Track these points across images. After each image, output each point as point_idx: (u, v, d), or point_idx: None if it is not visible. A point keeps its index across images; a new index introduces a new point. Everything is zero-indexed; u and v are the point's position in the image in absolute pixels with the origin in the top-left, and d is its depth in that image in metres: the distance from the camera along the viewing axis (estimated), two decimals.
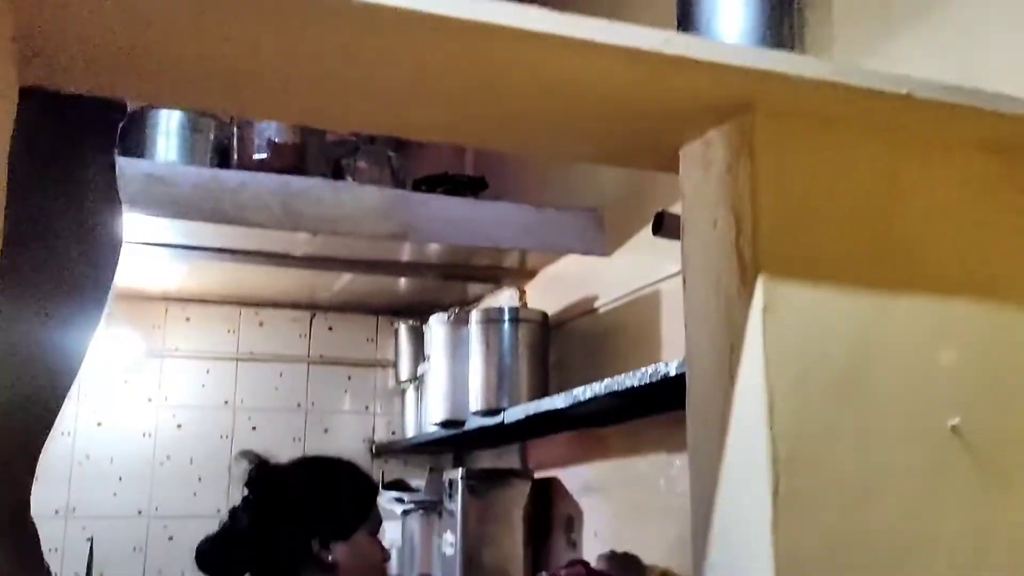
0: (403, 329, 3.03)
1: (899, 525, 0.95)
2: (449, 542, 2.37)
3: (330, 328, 3.10)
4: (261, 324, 3.04)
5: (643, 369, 1.59)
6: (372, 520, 1.57)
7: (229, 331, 3.00)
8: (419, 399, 2.91)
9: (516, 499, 2.37)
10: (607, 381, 1.71)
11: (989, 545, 0.95)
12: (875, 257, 1.02)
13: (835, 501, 0.94)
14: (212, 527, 2.88)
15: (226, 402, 2.97)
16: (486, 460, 2.78)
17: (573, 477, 2.33)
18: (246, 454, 1.56)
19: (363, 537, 1.54)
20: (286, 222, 2.02)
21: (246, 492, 1.53)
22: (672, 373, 1.49)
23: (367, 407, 3.10)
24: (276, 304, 3.02)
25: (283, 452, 1.74)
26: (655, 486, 1.96)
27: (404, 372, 3.01)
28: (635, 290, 2.12)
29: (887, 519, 0.95)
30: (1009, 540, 0.96)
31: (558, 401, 1.88)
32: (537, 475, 2.42)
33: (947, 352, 1.01)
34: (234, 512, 1.52)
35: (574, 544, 2.27)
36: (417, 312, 3.07)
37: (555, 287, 2.49)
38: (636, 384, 1.59)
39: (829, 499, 0.94)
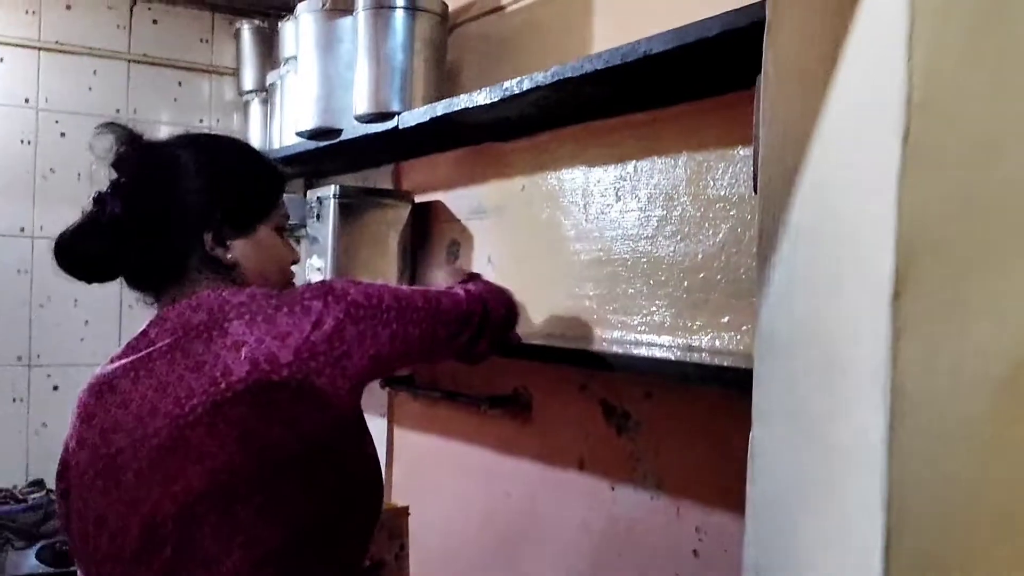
0: (246, 30, 2.59)
1: (1021, 188, 0.80)
2: (316, 267, 2.11)
3: (155, 21, 2.59)
4: (68, 7, 2.48)
5: (612, 49, 1.34)
6: (278, 214, 1.26)
7: (28, 12, 2.43)
8: (267, 113, 2.53)
9: (393, 222, 2.13)
10: (555, 68, 1.45)
11: None
12: None
13: (964, 153, 0.77)
14: (13, 248, 2.48)
15: (27, 100, 2.45)
16: (349, 184, 2.48)
17: (460, 199, 2.10)
18: (111, 127, 1.18)
19: (267, 232, 1.23)
20: None
21: (114, 174, 1.17)
22: (657, 50, 1.26)
23: (201, 120, 2.68)
24: None
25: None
26: (570, 204, 1.77)
27: (248, 81, 2.59)
28: None
29: (1010, 181, 0.79)
30: None
31: (480, 97, 1.61)
32: (417, 199, 2.17)
33: None
34: (100, 198, 1.16)
35: None
36: (260, 12, 2.63)
37: None
38: (601, 67, 1.34)
39: (958, 150, 0.76)
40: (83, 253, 1.17)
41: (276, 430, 1.07)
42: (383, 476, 1.28)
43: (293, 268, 1.32)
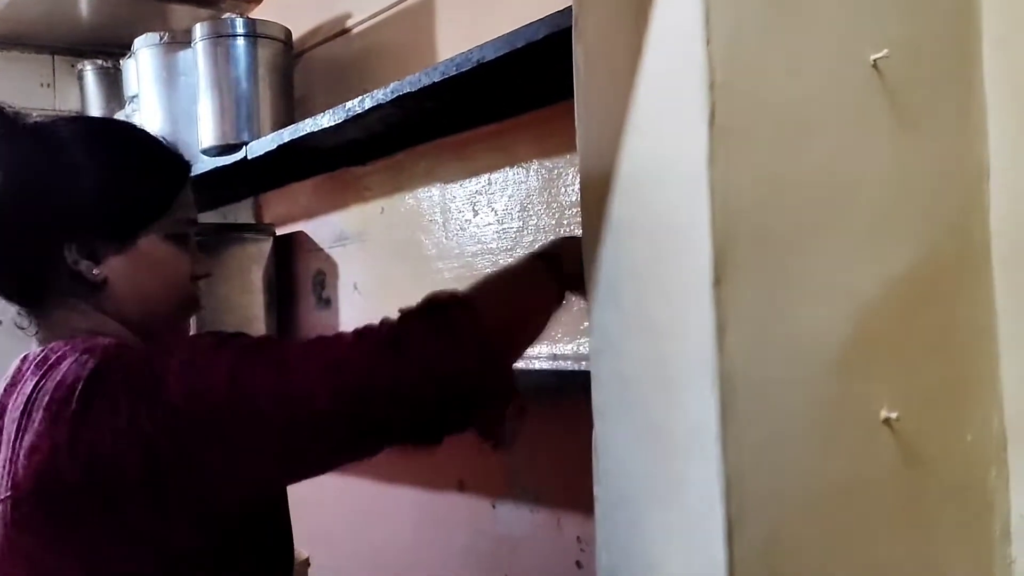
0: (89, 72, 2.48)
1: (827, 167, 0.80)
2: None
3: None
4: None
5: (447, 60, 1.32)
6: (171, 218, 0.97)
7: None
8: None
9: (255, 256, 2.05)
10: (393, 85, 1.43)
11: (903, 190, 0.84)
12: None
13: (769, 136, 0.77)
14: None
15: None
16: (210, 221, 2.40)
17: (322, 228, 2.05)
18: None
19: (154, 243, 0.96)
20: None
21: None
22: (489, 58, 1.24)
23: None
24: None
25: None
26: (429, 223, 1.75)
27: None
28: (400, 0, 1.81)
29: (816, 160, 0.80)
30: (919, 188, 0.86)
31: (324, 120, 1.57)
32: (279, 231, 2.11)
33: None
34: None
35: (328, 301, 2.03)
36: (104, 52, 2.53)
37: (289, 10, 2.10)
38: (438, 80, 1.32)
39: (764, 133, 0.77)
40: None
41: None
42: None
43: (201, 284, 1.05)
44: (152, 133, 1.04)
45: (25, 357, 0.93)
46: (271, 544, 0.98)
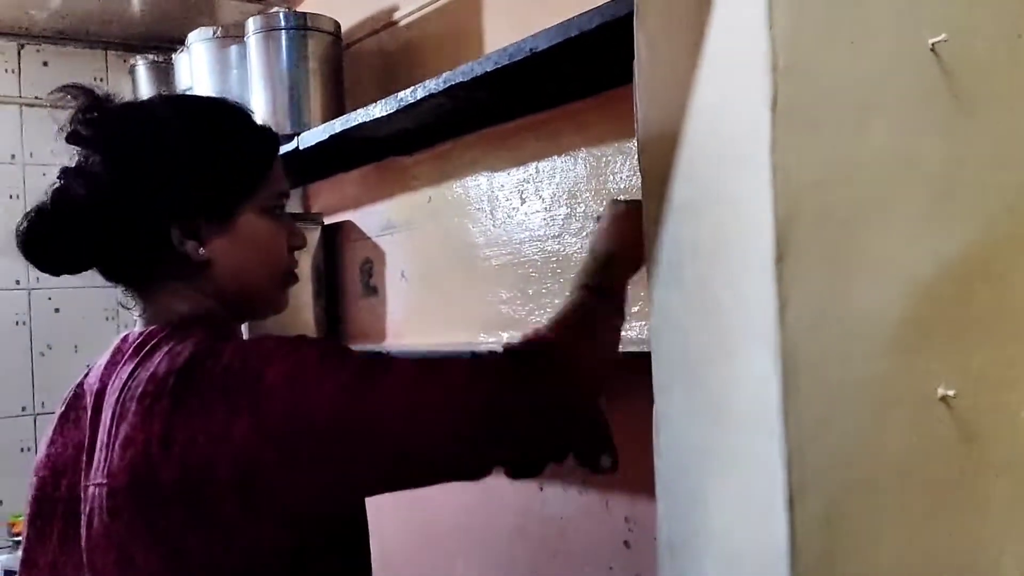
0: (141, 66, 2.54)
1: (886, 149, 0.82)
2: None
3: (45, 63, 2.53)
4: None
5: (499, 50, 1.35)
6: (265, 192, 0.97)
7: None
8: None
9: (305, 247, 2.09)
10: (446, 75, 1.45)
11: (959, 173, 0.86)
12: None
13: (830, 118, 0.79)
14: (10, 301, 2.41)
15: None
16: None
17: (370, 217, 2.09)
18: (69, 89, 0.96)
19: (251, 219, 0.96)
20: None
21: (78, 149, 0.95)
22: (541, 47, 1.27)
23: None
24: None
25: None
26: (476, 211, 1.78)
27: None
28: None
29: (877, 142, 0.82)
30: (976, 169, 0.87)
31: (376, 110, 1.61)
32: (327, 220, 2.15)
33: None
34: (65, 173, 0.94)
35: (375, 289, 2.07)
36: (155, 47, 2.59)
37: (337, 2, 2.14)
38: (491, 69, 1.35)
39: (825, 115, 0.79)
40: (43, 243, 0.94)
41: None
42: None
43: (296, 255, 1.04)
44: (241, 105, 1.02)
45: (125, 337, 0.95)
46: (352, 540, 0.98)
